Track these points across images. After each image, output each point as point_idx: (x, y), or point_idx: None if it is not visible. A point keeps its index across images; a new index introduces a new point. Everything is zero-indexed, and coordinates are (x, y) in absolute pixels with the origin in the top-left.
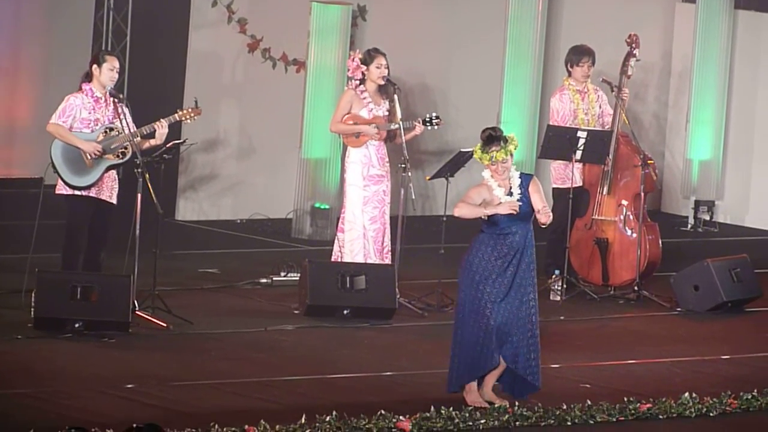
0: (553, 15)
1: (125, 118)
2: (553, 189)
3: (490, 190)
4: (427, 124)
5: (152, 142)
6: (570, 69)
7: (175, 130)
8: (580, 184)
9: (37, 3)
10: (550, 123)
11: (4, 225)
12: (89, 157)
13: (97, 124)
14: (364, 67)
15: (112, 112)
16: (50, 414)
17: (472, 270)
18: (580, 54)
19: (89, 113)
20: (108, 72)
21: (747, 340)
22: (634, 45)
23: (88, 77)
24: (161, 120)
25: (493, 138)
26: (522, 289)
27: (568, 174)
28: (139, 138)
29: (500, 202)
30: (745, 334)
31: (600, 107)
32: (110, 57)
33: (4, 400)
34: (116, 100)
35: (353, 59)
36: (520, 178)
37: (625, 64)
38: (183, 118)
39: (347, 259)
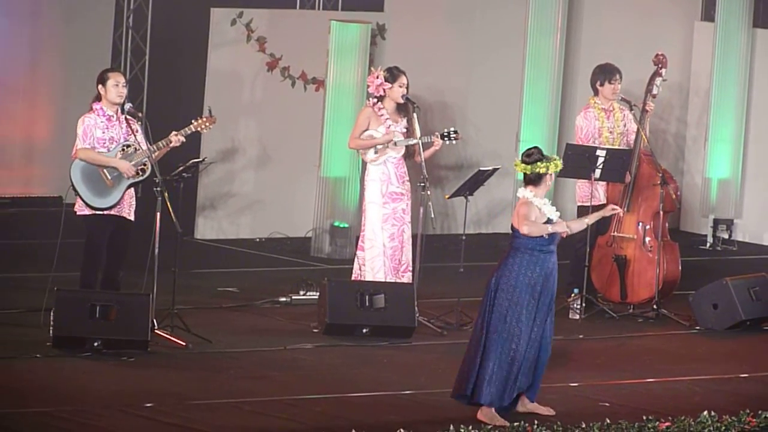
0: (572, 32)
1: (140, 135)
2: (579, 207)
3: (539, 210)
4: (446, 138)
5: (173, 146)
6: (599, 87)
7: (194, 146)
8: (604, 201)
9: (55, 22)
10: (575, 141)
11: (23, 243)
12: (109, 177)
13: (112, 143)
14: (387, 85)
15: (125, 130)
16: None
17: (514, 291)
18: (611, 72)
19: (103, 132)
20: (113, 89)
21: (766, 359)
22: (660, 65)
23: (99, 97)
24: (177, 134)
25: (543, 155)
26: (549, 311)
27: (591, 192)
28: (156, 152)
29: (555, 221)
30: (764, 353)
31: (625, 125)
32: (112, 74)
33: (23, 419)
34: (129, 117)
35: (377, 76)
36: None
37: (650, 83)
38: (199, 128)
39: (368, 277)
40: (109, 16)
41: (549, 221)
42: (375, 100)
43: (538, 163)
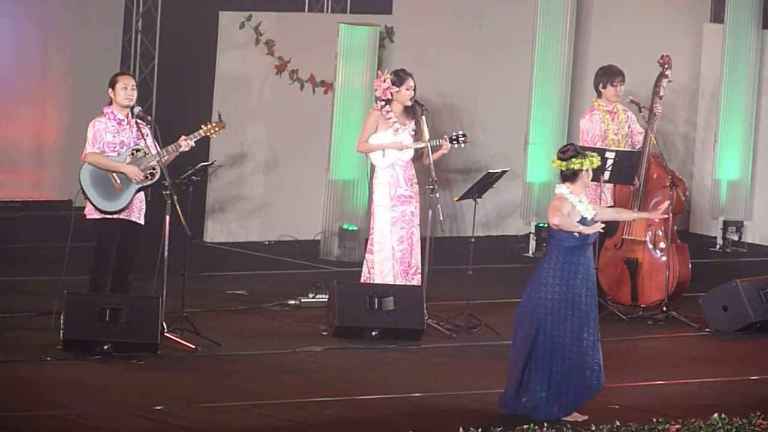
0: (581, 36)
1: (149, 139)
2: None
3: (573, 207)
4: (454, 141)
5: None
6: (601, 90)
7: (203, 150)
8: (612, 204)
9: (64, 26)
10: (580, 144)
11: (33, 247)
12: (118, 181)
13: (122, 147)
14: (394, 89)
15: (135, 134)
16: None
17: (553, 296)
18: (613, 74)
19: (113, 136)
20: (122, 91)
21: None
22: (666, 66)
23: (111, 101)
24: (186, 139)
25: (578, 151)
26: (592, 307)
27: (599, 194)
28: (166, 156)
29: (590, 220)
30: None
31: (629, 127)
32: (121, 77)
33: (33, 421)
34: (140, 121)
35: (384, 80)
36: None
37: (657, 84)
38: (208, 134)
39: (377, 279)
40: (118, 19)
41: (583, 220)
42: (383, 103)
43: (573, 160)
